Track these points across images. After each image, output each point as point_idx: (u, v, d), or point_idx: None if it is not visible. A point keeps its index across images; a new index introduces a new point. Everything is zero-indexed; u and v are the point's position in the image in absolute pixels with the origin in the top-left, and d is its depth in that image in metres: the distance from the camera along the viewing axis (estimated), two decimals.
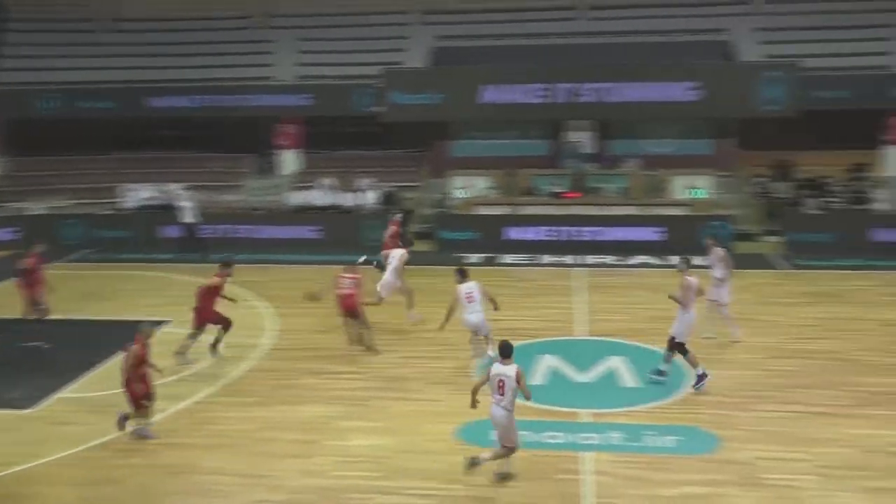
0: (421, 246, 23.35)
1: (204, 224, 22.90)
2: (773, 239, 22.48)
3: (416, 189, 26.12)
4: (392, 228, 18.25)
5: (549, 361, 13.68)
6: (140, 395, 10.82)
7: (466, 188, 24.74)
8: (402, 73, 25.15)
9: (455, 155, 26.85)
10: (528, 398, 9.60)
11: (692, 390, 12.34)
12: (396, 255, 16.04)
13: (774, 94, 22.57)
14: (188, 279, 20.08)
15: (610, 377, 13.13)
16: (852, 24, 25.66)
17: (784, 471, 9.89)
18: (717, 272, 14.87)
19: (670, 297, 12.87)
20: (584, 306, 17.20)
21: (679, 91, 22.98)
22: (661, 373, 12.78)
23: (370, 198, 24.72)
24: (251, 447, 10.63)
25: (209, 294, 14.02)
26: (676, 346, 12.58)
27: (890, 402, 11.91)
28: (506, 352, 9.53)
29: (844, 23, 25.64)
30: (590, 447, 10.62)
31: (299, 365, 13.79)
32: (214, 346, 14.17)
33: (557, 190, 24.27)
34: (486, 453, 9.76)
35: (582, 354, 14.03)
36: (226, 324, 14.16)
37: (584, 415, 11.65)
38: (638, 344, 14.57)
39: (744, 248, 22.01)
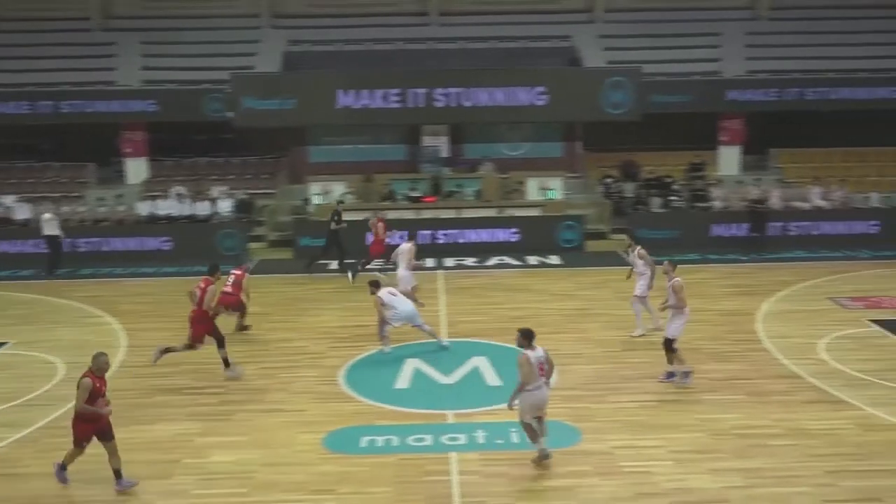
0: (279, 254, 22.99)
1: (66, 237, 21.55)
2: (621, 237, 23.50)
3: (273, 196, 25.60)
4: (380, 225, 19.64)
5: (414, 365, 13.75)
6: None
7: (325, 194, 24.49)
8: (251, 78, 24.55)
9: (312, 160, 26.56)
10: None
11: (678, 382, 12.67)
12: (405, 250, 16.80)
13: (618, 99, 23.64)
14: (31, 297, 18.88)
15: (474, 377, 13.33)
16: (689, 33, 27.27)
17: (640, 458, 10.35)
18: (639, 268, 15.46)
19: (663, 307, 13.00)
20: (447, 309, 17.39)
21: (529, 95, 23.64)
22: (671, 375, 12.87)
23: (224, 206, 24.02)
24: (105, 472, 10.06)
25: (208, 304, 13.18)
26: (668, 345, 12.75)
27: (731, 386, 12.71)
28: (530, 337, 10.04)
29: (682, 31, 27.22)
30: (457, 447, 10.74)
31: (153, 382, 13.19)
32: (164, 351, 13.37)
33: (416, 194, 24.44)
34: (541, 442, 10.03)
35: (446, 356, 14.18)
36: (219, 338, 13.33)
37: (451, 416, 11.77)
38: (499, 343, 14.86)
39: (595, 246, 22.96)
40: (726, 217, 23.12)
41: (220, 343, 13.29)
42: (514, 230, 22.83)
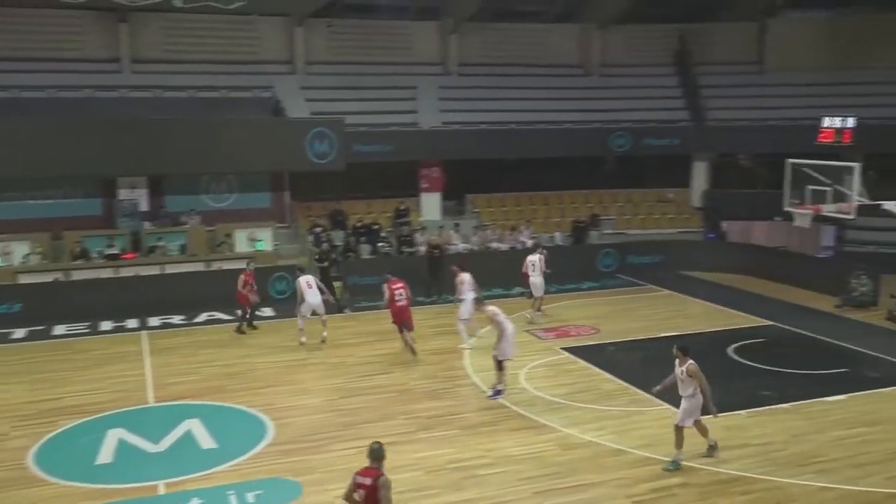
0: None
1: None
2: (334, 285, 23.68)
3: None
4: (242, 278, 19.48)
5: (117, 436, 12.66)
6: None
7: (4, 255, 21.99)
8: None
9: None
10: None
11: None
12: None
13: (322, 149, 23.95)
14: None
15: (187, 441, 12.58)
16: (387, 86, 28.41)
17: None
18: (466, 294, 17.82)
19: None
20: (154, 371, 16.29)
21: (231, 146, 23.15)
22: (498, 392, 14.29)
23: None
24: None
25: None
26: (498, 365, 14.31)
27: (444, 423, 13.23)
28: (686, 350, 11.54)
29: (380, 84, 28.29)
30: None
31: None
32: None
33: (113, 251, 22.79)
34: (711, 440, 11.62)
35: (154, 422, 13.25)
36: None
37: (162, 486, 10.97)
38: (213, 403, 14.22)
39: None
40: (419, 262, 23.98)
41: None
42: (224, 283, 22.03)
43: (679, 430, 11.48)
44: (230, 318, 20.63)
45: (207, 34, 27.17)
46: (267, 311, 21.21)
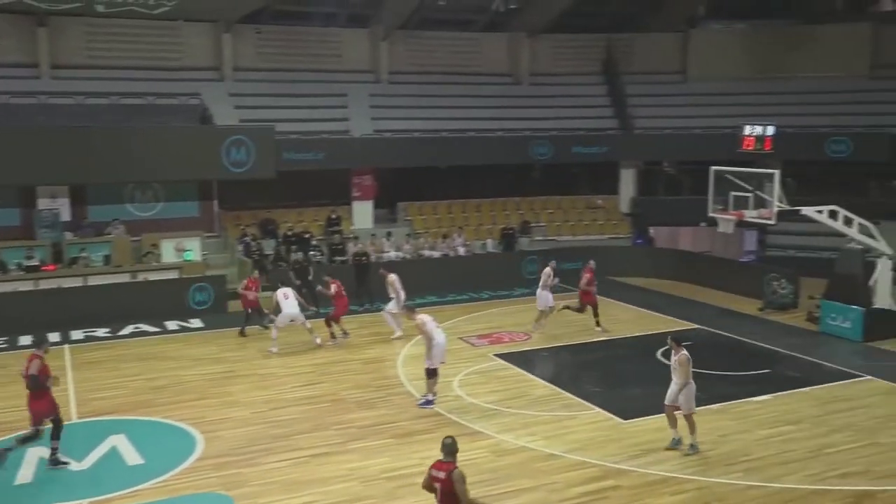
0: None
1: None
2: (265, 294, 23.30)
3: None
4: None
5: (38, 454, 12.15)
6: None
7: None
8: None
9: None
10: None
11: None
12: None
13: (251, 157, 23.59)
14: None
15: (112, 458, 12.18)
16: (317, 93, 28.20)
17: None
18: (396, 292, 18.79)
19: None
20: (77, 386, 15.76)
21: (154, 154, 22.65)
22: (429, 401, 14.20)
23: None
24: None
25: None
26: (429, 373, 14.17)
27: (378, 432, 13.14)
28: (679, 341, 12.37)
29: (311, 91, 28.07)
30: None
31: None
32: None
33: (33, 263, 22.00)
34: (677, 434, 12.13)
35: (78, 439, 12.75)
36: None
37: None
38: (139, 417, 13.83)
39: (239, 305, 22.45)
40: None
41: None
42: (146, 295, 21.51)
43: (688, 417, 12.19)
44: (157, 330, 20.14)
45: (131, 39, 26.53)
46: (195, 322, 20.77)
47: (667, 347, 17.83)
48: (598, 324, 19.80)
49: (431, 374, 14.27)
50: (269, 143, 24.00)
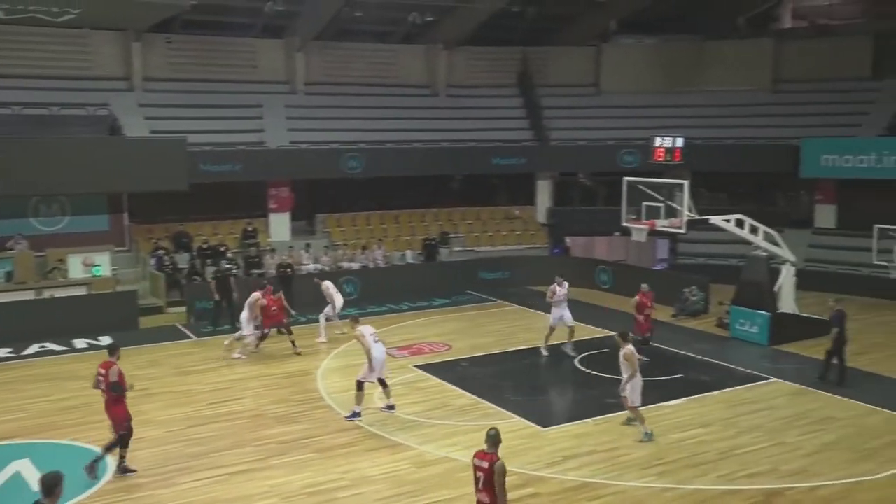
0: None
1: None
2: (178, 310, 22.79)
3: None
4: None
5: None
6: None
7: None
8: None
9: None
10: None
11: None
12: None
13: (165, 169, 22.95)
14: None
15: (16, 484, 11.64)
16: (232, 104, 27.71)
17: None
18: (333, 298, 19.74)
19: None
20: None
21: (63, 165, 21.85)
22: (356, 414, 14.05)
23: None
24: None
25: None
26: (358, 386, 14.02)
27: (299, 447, 12.95)
28: (625, 336, 13.27)
29: (225, 102, 27.57)
30: None
31: None
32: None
33: None
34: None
35: None
36: None
37: None
38: (45, 441, 13.28)
39: (152, 321, 21.88)
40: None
41: None
42: (55, 312, 20.70)
43: (634, 409, 13.13)
44: (63, 349, 19.43)
45: (35, 48, 25.55)
46: (106, 340, 20.05)
47: (584, 355, 18.32)
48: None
49: (360, 386, 14.13)
50: (181, 155, 23.42)
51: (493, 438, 8.38)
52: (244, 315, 18.76)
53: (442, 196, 30.99)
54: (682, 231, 20.50)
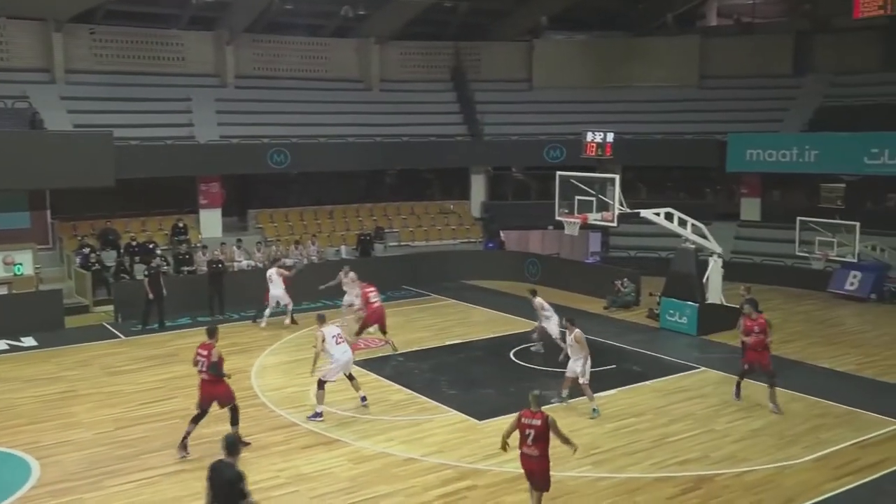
0: None
1: None
2: (106, 308, 22.18)
3: None
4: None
5: None
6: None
7: None
8: None
9: None
10: None
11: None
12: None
13: (90, 164, 22.21)
14: None
15: None
16: (160, 98, 27.00)
17: None
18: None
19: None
20: None
21: None
22: (318, 414, 13.90)
23: None
24: None
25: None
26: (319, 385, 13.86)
27: None
28: (572, 321, 14.56)
29: (152, 96, 26.83)
30: None
31: None
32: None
33: None
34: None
35: None
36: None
37: None
38: None
39: (78, 321, 21.22)
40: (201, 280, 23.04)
41: None
42: None
43: (586, 386, 14.07)
44: (6, 348, 18.71)
45: None
46: (29, 341, 19.41)
47: (520, 347, 18.48)
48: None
49: (321, 385, 13.89)
50: (109, 150, 22.71)
51: (538, 399, 9.84)
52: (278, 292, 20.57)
53: (376, 191, 30.85)
54: (614, 224, 20.82)
